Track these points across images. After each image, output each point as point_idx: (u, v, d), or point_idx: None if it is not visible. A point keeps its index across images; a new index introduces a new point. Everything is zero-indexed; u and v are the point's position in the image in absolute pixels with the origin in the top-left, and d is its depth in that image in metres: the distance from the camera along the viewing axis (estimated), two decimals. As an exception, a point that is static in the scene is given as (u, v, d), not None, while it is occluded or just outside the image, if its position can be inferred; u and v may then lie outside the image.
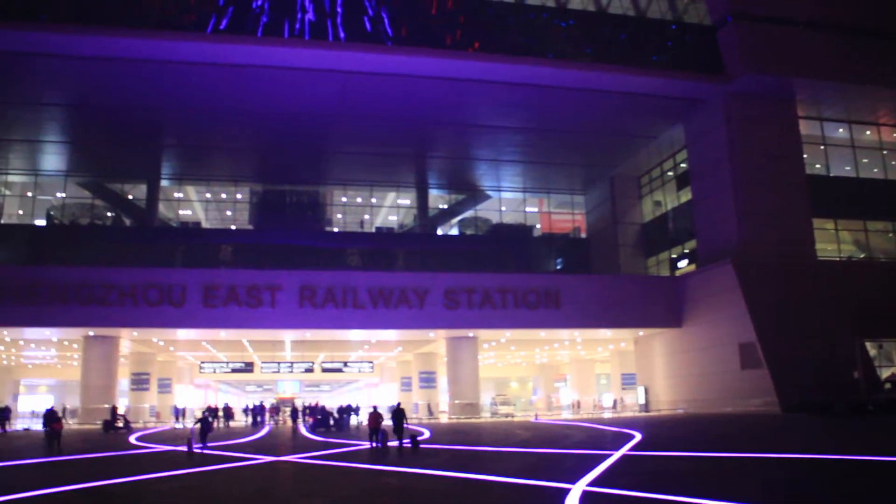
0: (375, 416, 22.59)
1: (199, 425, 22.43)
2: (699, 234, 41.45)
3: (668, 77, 37.34)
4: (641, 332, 44.31)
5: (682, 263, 45.16)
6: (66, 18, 31.84)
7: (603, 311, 40.31)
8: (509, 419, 43.28)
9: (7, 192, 49.55)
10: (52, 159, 46.52)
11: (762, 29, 37.40)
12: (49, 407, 27.41)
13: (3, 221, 48.40)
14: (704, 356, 38.46)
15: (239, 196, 52.86)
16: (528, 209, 55.16)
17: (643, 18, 38.45)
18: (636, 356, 47.29)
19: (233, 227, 52.67)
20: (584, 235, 54.32)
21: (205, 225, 53.00)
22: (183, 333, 42.09)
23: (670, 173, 46.64)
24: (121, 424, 35.22)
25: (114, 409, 36.39)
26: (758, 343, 33.61)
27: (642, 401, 44.92)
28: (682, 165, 44.49)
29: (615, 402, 51.94)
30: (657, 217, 48.62)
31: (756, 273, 35.51)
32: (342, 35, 33.80)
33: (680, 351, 41.02)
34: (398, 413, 22.43)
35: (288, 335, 43.96)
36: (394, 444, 21.77)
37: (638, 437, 22.73)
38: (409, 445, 20.84)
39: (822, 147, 41.08)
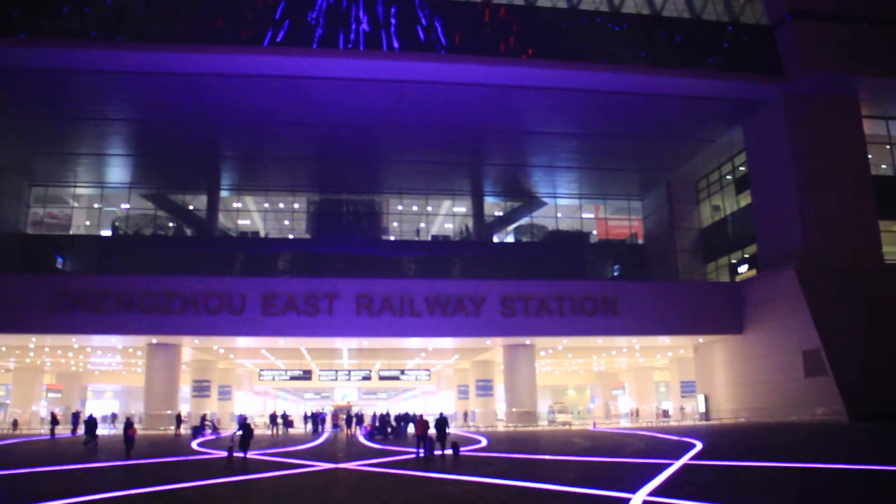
0: (422, 424, 23.20)
1: (240, 433, 22.53)
2: (760, 238, 40.54)
3: (725, 79, 36.71)
4: (701, 339, 43.50)
5: (743, 269, 44.23)
6: (133, 37, 32.93)
7: (661, 318, 39.69)
8: (567, 427, 42.93)
9: (76, 204, 51.30)
10: (118, 172, 48.04)
11: (822, 26, 36.49)
12: (90, 415, 28.35)
13: (71, 232, 50.16)
14: (767, 363, 37.53)
15: (296, 205, 53.63)
16: (584, 215, 54.72)
17: (698, 20, 37.89)
18: (696, 363, 46.42)
19: (291, 236, 53.43)
20: (641, 241, 53.62)
21: (263, 234, 53.95)
22: (242, 341, 42.82)
23: (729, 177, 45.76)
24: (209, 430, 36.67)
25: (203, 416, 37.68)
26: (822, 350, 32.66)
27: (702, 409, 44.05)
28: (742, 169, 43.61)
29: (663, 410, 51.07)
30: (716, 222, 47.73)
31: (820, 278, 34.55)
32: (396, 45, 34.12)
33: (741, 358, 40.13)
34: (441, 422, 23.14)
35: (345, 343, 44.35)
36: (439, 452, 22.22)
37: (699, 446, 22.33)
38: (451, 453, 21.53)
39: (888, 147, 39.85)
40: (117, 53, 32.85)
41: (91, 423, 28.28)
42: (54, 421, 38.41)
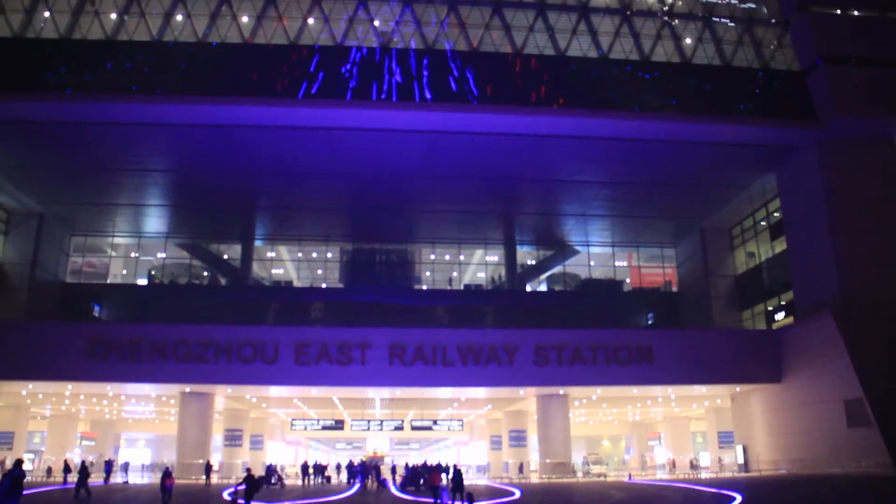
0: (438, 475, 23.32)
1: (242, 487, 21.79)
2: (796, 284, 39.94)
3: (756, 125, 36.62)
4: (738, 389, 42.65)
5: (779, 316, 43.51)
6: (172, 90, 33.90)
7: (697, 367, 39.05)
8: (602, 479, 42.11)
9: (113, 254, 52.27)
10: (155, 222, 48.97)
11: (854, 71, 36.41)
12: (80, 460, 28.23)
13: (109, 281, 51.01)
14: (807, 413, 36.61)
15: (329, 255, 54.07)
16: (617, 263, 54.41)
17: (729, 67, 37.97)
18: (733, 413, 45.43)
19: (324, 286, 53.76)
20: (675, 289, 53.10)
21: (297, 283, 54.34)
22: (275, 390, 42.87)
23: (763, 223, 45.35)
24: (274, 481, 36.91)
25: (271, 467, 38.00)
26: (865, 399, 31.77)
27: (741, 460, 42.98)
28: (776, 215, 43.22)
29: (690, 460, 49.88)
30: (751, 269, 47.16)
31: (860, 324, 33.81)
32: (429, 96, 34.62)
33: (780, 408, 39.22)
34: (457, 473, 23.39)
35: (378, 393, 44.19)
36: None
37: (738, 499, 21.74)
38: None
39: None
40: (157, 107, 33.81)
41: (84, 472, 28.45)
42: (66, 469, 38.37)
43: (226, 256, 53.34)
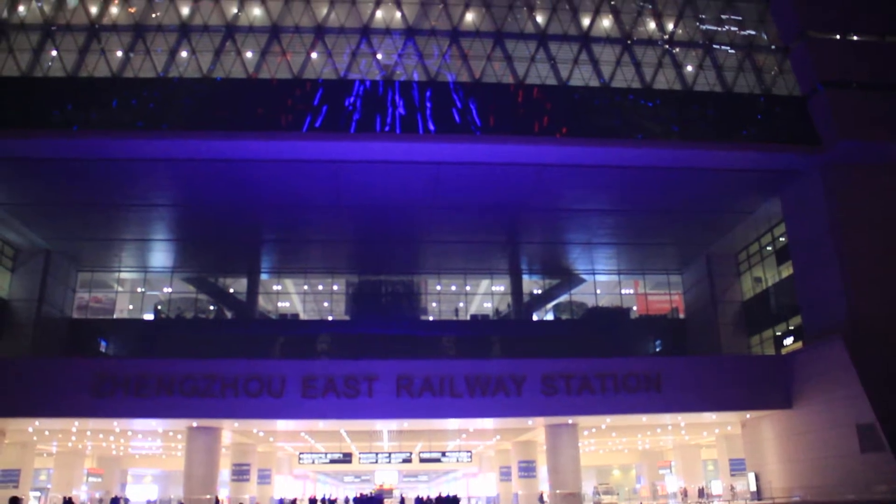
0: None
1: None
2: (804, 309, 39.72)
3: (759, 150, 36.71)
4: (748, 415, 42.24)
5: (788, 341, 43.22)
6: (177, 126, 34.20)
7: (706, 394, 38.70)
8: (613, 509, 41.60)
9: (120, 289, 52.31)
10: (161, 256, 49.09)
11: (855, 95, 36.55)
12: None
13: (115, 316, 51.02)
14: (819, 439, 36.20)
15: (335, 287, 54.04)
16: (623, 291, 54.27)
17: (730, 94, 38.16)
18: (744, 440, 44.95)
19: (330, 318, 53.69)
20: (682, 316, 52.86)
21: (303, 316, 54.24)
22: (282, 424, 42.61)
23: (769, 248, 45.24)
24: None
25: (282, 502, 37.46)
26: (877, 424, 31.43)
27: (753, 488, 42.43)
28: (782, 240, 43.13)
29: (699, 489, 49.30)
30: (758, 294, 46.95)
31: (870, 348, 33.54)
32: (432, 127, 34.82)
33: (792, 434, 38.80)
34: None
35: (385, 425, 43.89)
36: None
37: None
38: None
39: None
40: (162, 142, 34.09)
41: None
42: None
43: (232, 290, 53.36)
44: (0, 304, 43.38)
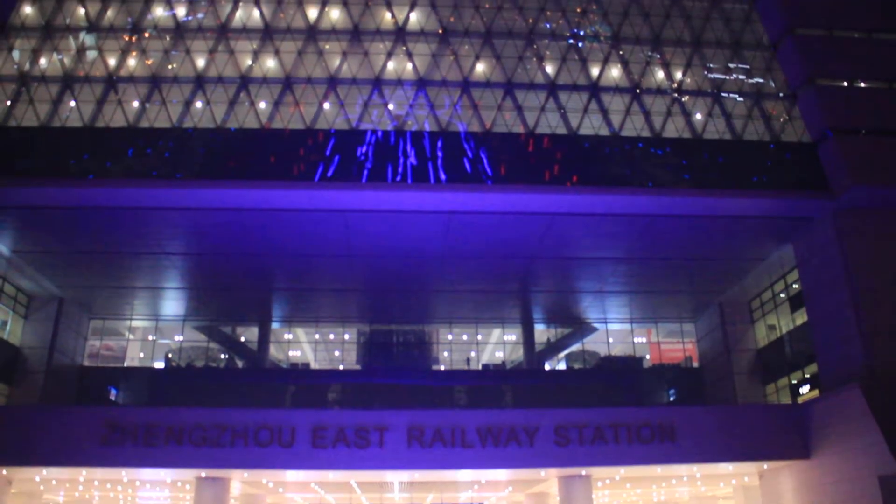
0: None
1: None
2: (820, 357, 39.23)
3: (770, 197, 36.69)
4: (766, 466, 41.43)
5: (805, 389, 42.63)
6: (191, 175, 34.66)
7: (722, 444, 38.02)
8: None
9: (131, 337, 52.41)
10: (172, 305, 49.20)
11: (865, 140, 36.66)
12: None
13: (126, 364, 51.00)
14: (840, 490, 35.37)
15: (347, 336, 53.94)
16: (636, 340, 53.91)
17: (740, 141, 38.35)
18: (762, 491, 43.99)
19: (341, 367, 53.48)
20: (696, 364, 52.35)
21: (314, 366, 54.08)
22: (292, 475, 42.03)
23: (782, 295, 44.92)
24: None
25: None
26: (899, 476, 30.81)
27: (774, 542, 41.48)
28: (795, 286, 42.84)
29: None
30: (772, 342, 46.48)
31: (890, 396, 32.97)
32: (443, 177, 35.07)
33: (811, 485, 37.95)
34: None
35: (396, 476, 43.22)
36: None
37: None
38: None
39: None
40: (176, 191, 34.46)
41: None
42: None
43: (243, 339, 53.33)
44: (12, 352, 43.48)
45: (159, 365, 51.39)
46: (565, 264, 43.14)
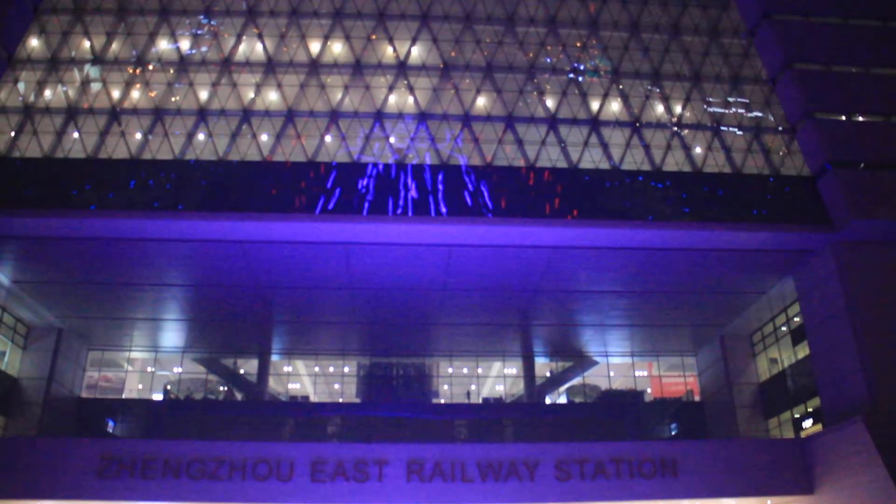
0: None
1: None
2: (822, 391, 38.99)
3: (771, 231, 36.71)
4: (769, 501, 40.93)
5: (807, 424, 42.29)
6: (192, 207, 34.71)
7: (724, 479, 37.60)
8: None
9: (130, 368, 52.13)
10: (171, 336, 49.03)
11: (864, 175, 36.81)
12: None
13: (124, 396, 50.67)
14: (844, 528, 35.01)
15: (346, 369, 53.70)
16: (637, 373, 53.63)
17: (739, 174, 38.51)
18: (767, 529, 43.53)
19: (340, 400, 53.16)
20: (697, 398, 52.01)
21: (313, 398, 53.75)
22: (290, 509, 41.66)
23: (784, 328, 44.76)
24: None
25: None
26: (905, 512, 30.46)
27: (778, 580, 40.86)
28: (797, 320, 42.70)
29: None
30: (774, 375, 46.22)
31: (894, 431, 32.72)
32: (444, 210, 35.15)
33: (816, 522, 37.54)
34: None
35: (395, 510, 42.84)
36: None
37: None
38: None
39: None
40: (178, 223, 34.52)
41: None
42: None
43: (242, 371, 53.07)
44: (10, 383, 43.24)
45: (158, 397, 51.09)
46: (566, 297, 43.07)
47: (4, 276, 38.82)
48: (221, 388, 52.64)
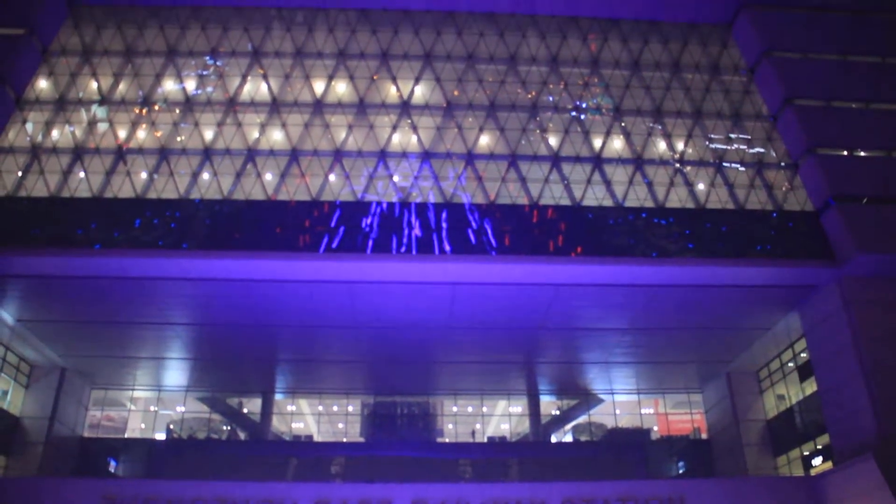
0: None
1: None
2: (831, 427, 38.51)
3: (774, 266, 36.60)
4: (780, 541, 40.35)
5: (817, 461, 41.76)
6: (197, 246, 34.81)
7: (734, 519, 37.17)
8: None
9: (133, 407, 51.85)
10: (175, 375, 48.81)
11: (868, 209, 36.80)
12: None
13: (126, 435, 50.31)
14: (857, 569, 34.36)
15: (350, 408, 53.32)
16: (643, 411, 53.15)
17: (743, 210, 38.54)
18: (777, 569, 42.74)
19: (344, 440, 52.72)
20: (704, 436, 51.47)
21: (317, 438, 53.34)
22: (293, 551, 41.10)
23: (790, 364, 44.41)
24: None
25: None
26: (918, 553, 29.92)
27: None
28: (803, 355, 42.39)
29: None
30: (782, 412, 45.74)
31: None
32: (448, 248, 35.17)
33: (828, 562, 36.88)
34: None
35: (399, 552, 42.23)
36: None
37: None
38: None
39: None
40: (182, 261, 34.61)
41: None
42: None
43: (246, 410, 52.74)
44: (11, 422, 42.96)
45: (160, 436, 50.70)
46: (571, 335, 42.89)
47: (9, 314, 38.83)
48: (225, 428, 52.27)
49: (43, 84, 39.99)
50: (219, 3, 42.57)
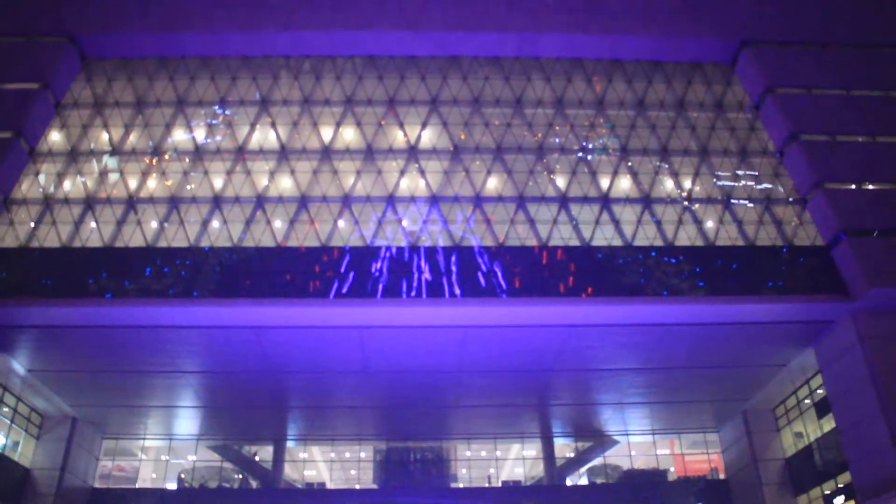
0: None
1: None
2: (853, 465, 37.80)
3: (786, 302, 36.23)
4: (804, 584, 39.46)
5: (839, 500, 40.94)
6: (207, 293, 34.85)
7: (755, 561, 36.42)
8: None
9: (144, 457, 51.52)
10: (186, 424, 48.60)
11: (879, 243, 36.55)
12: None
13: (137, 485, 49.87)
14: None
15: (363, 454, 52.85)
16: (659, 452, 52.45)
17: (753, 246, 38.35)
18: None
19: (357, 486, 52.16)
20: (722, 476, 50.66)
21: (329, 485, 52.83)
22: None
23: (807, 401, 43.80)
24: None
25: None
26: None
27: None
28: (820, 392, 41.83)
29: None
30: (800, 450, 44.99)
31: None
32: (458, 292, 35.10)
33: None
34: None
35: None
36: None
37: None
38: None
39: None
40: (192, 309, 34.66)
41: None
42: None
43: (257, 458, 52.31)
44: (22, 474, 42.69)
45: (172, 486, 50.29)
46: (583, 376, 42.54)
47: (20, 365, 38.86)
48: (236, 476, 51.83)
49: (55, 136, 40.52)
50: (227, 53, 43.21)
